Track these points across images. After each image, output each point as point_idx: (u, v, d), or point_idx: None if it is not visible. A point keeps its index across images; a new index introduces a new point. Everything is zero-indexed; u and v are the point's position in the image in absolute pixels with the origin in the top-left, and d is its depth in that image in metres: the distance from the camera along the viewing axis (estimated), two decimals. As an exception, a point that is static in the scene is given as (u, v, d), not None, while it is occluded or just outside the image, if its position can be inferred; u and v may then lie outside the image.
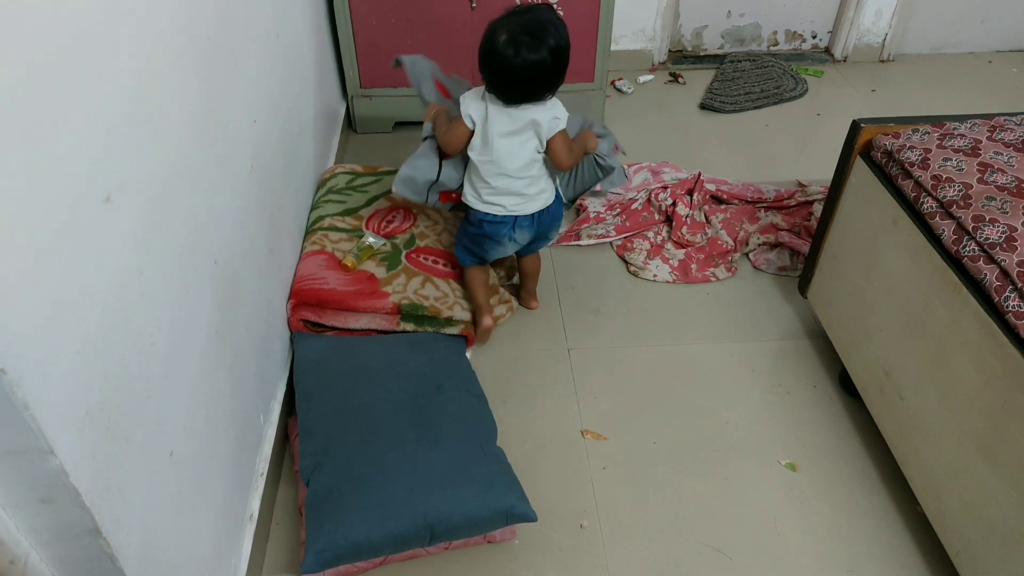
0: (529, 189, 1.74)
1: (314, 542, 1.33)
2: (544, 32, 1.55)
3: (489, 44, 1.57)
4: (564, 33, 1.58)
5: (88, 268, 0.85)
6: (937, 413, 1.43)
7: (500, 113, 1.64)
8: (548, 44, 1.55)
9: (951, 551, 1.41)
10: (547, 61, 1.56)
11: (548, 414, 1.78)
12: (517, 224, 1.77)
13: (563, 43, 1.58)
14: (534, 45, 1.54)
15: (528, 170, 1.71)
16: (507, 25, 1.56)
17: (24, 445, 0.75)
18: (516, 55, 1.54)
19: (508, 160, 1.68)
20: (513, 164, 1.69)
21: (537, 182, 1.74)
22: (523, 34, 1.54)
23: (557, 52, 1.56)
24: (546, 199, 1.78)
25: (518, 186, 1.72)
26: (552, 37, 1.55)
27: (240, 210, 1.42)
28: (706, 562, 1.50)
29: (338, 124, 2.66)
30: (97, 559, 0.89)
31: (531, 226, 1.80)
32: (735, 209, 2.42)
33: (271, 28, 1.73)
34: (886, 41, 3.38)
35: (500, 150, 1.67)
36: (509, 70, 1.56)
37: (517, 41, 1.54)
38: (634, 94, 3.13)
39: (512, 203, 1.75)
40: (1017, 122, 1.60)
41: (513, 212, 1.75)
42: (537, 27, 1.55)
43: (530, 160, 1.70)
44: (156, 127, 1.05)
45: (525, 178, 1.72)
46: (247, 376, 1.44)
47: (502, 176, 1.70)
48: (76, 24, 0.84)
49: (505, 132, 1.66)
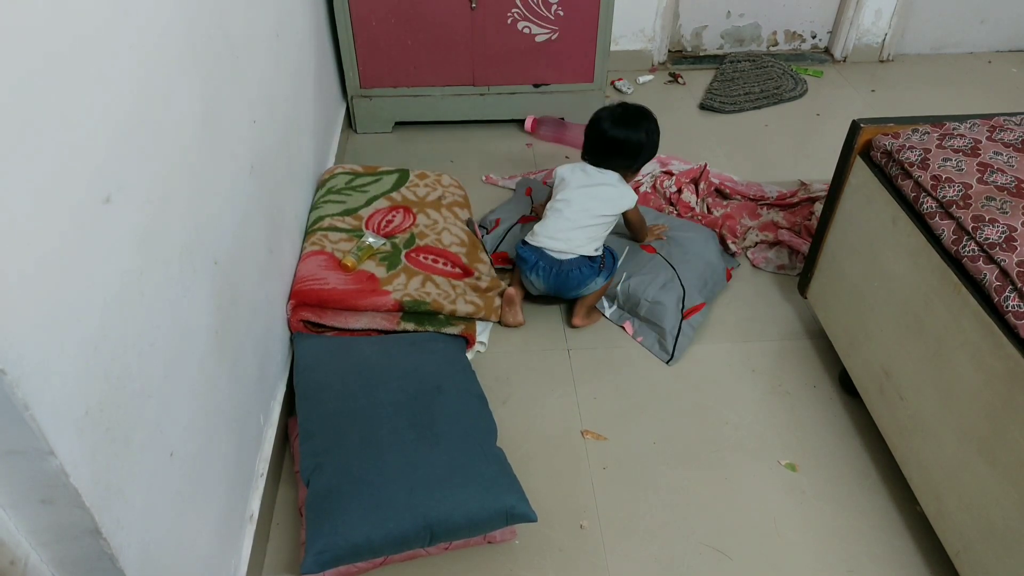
0: (571, 232, 1.92)
1: (314, 542, 1.33)
2: (642, 118, 2.00)
3: (600, 120, 2.00)
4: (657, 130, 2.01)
5: (88, 269, 0.85)
6: (937, 413, 1.43)
7: (581, 171, 2.01)
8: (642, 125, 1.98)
9: (951, 551, 1.41)
10: (637, 137, 1.97)
11: (548, 414, 1.78)
12: (537, 267, 1.92)
13: (653, 135, 2.00)
14: (630, 124, 1.98)
15: (582, 217, 1.93)
16: (621, 107, 2.02)
17: (24, 445, 0.75)
18: (612, 128, 1.97)
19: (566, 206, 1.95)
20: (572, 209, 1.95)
21: (581, 231, 1.92)
22: (630, 113, 2.00)
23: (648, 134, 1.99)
24: (577, 248, 1.91)
25: (564, 226, 1.93)
26: (649, 122, 2.00)
27: (240, 210, 1.42)
28: (706, 562, 1.50)
29: (338, 124, 2.66)
30: (97, 559, 0.89)
31: (547, 278, 1.93)
32: (737, 204, 2.42)
33: (271, 28, 1.73)
34: (886, 41, 3.38)
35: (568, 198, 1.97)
36: (602, 137, 1.97)
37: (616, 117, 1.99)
38: (634, 94, 3.13)
39: (542, 234, 1.94)
40: (1017, 122, 1.60)
41: (538, 243, 1.93)
42: (637, 113, 2.01)
43: (590, 210, 1.93)
44: (156, 128, 1.05)
45: (579, 225, 1.93)
46: (247, 376, 1.44)
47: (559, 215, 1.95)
48: (76, 24, 0.84)
49: (582, 184, 1.98)
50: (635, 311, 2.00)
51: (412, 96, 2.72)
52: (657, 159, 2.59)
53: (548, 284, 1.94)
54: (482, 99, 2.74)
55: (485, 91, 2.72)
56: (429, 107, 2.75)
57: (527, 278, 1.97)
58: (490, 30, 2.55)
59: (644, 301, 1.97)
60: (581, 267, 1.91)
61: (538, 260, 1.92)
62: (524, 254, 1.95)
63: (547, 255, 1.91)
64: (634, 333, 1.98)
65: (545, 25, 2.57)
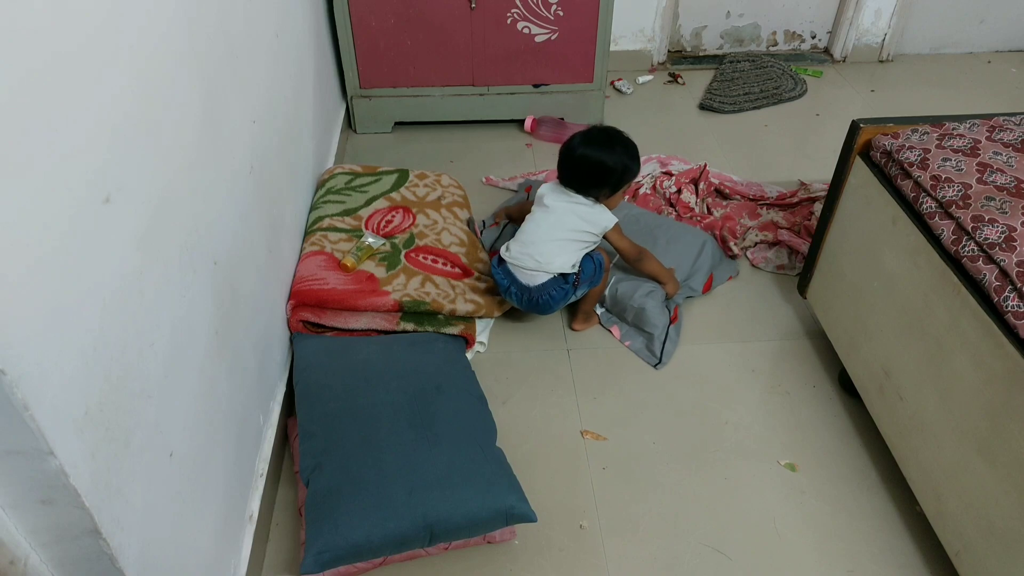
0: (545, 246, 1.85)
1: (314, 542, 1.33)
2: (615, 142, 1.87)
3: (571, 141, 1.90)
4: (633, 155, 1.89)
5: (88, 269, 0.85)
6: (937, 413, 1.43)
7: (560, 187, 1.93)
8: (614, 149, 1.86)
9: (951, 551, 1.41)
10: (606, 161, 1.85)
11: (548, 414, 1.78)
12: (510, 291, 1.89)
13: (627, 160, 1.87)
14: (601, 146, 1.86)
15: (558, 230, 1.87)
16: (589, 131, 1.91)
17: (24, 446, 0.75)
18: (581, 147, 1.86)
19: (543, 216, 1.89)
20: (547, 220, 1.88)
21: (556, 243, 1.85)
22: (600, 133, 1.90)
23: (620, 159, 1.86)
24: (548, 265, 1.84)
25: (539, 237, 1.86)
26: (621, 147, 1.87)
27: (240, 211, 1.42)
28: (706, 562, 1.50)
29: (338, 124, 2.66)
30: (97, 560, 0.89)
31: (519, 301, 1.89)
32: (736, 204, 2.43)
33: (271, 29, 1.74)
34: (885, 41, 3.38)
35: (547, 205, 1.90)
36: (571, 157, 1.87)
37: (589, 139, 1.88)
38: (633, 94, 3.13)
39: (516, 250, 1.87)
40: (1016, 122, 1.60)
41: (510, 259, 1.87)
42: (611, 136, 1.89)
43: (567, 224, 1.86)
44: (156, 128, 1.05)
45: (554, 238, 1.86)
46: (247, 377, 1.44)
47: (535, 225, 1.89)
48: (76, 25, 0.84)
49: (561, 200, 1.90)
50: (622, 316, 2.00)
51: (412, 96, 2.72)
52: (657, 159, 2.60)
53: (523, 306, 1.91)
54: (482, 99, 2.74)
55: (485, 91, 2.72)
56: (429, 107, 2.75)
57: (503, 296, 1.94)
58: (490, 30, 2.56)
59: (630, 307, 1.96)
60: (551, 291, 1.85)
61: (510, 285, 1.87)
62: (497, 278, 1.90)
63: (518, 281, 1.86)
64: (621, 337, 1.97)
65: (545, 25, 2.57)
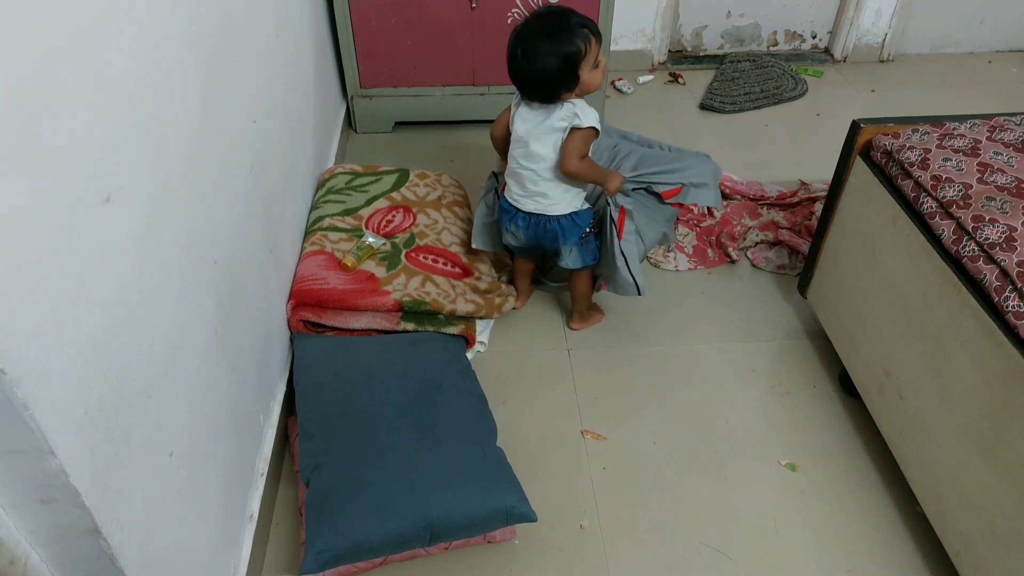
0: (530, 184, 1.76)
1: (314, 542, 1.33)
2: (547, 35, 1.57)
3: (509, 47, 1.62)
4: (569, 35, 1.56)
5: (88, 268, 0.85)
6: (937, 413, 1.43)
7: (526, 111, 1.72)
8: (548, 51, 1.56)
9: (951, 551, 1.41)
10: (548, 70, 1.58)
11: (548, 414, 1.78)
12: (516, 218, 1.83)
13: (565, 48, 1.56)
14: (535, 52, 1.57)
15: (533, 160, 1.71)
16: (520, 28, 1.61)
17: (24, 445, 0.75)
18: (521, 60, 1.59)
19: (519, 124, 1.72)
20: (520, 130, 1.71)
21: (539, 182, 1.74)
22: (526, 39, 1.59)
23: (559, 57, 1.57)
24: (545, 206, 1.77)
25: (523, 174, 1.75)
26: (555, 40, 1.56)
27: (240, 210, 1.42)
28: (706, 562, 1.50)
29: (338, 124, 2.66)
30: (97, 559, 0.89)
31: (526, 228, 1.82)
32: (736, 204, 2.42)
33: (271, 28, 1.73)
34: (886, 41, 3.38)
35: (519, 115, 1.73)
36: (514, 72, 1.64)
37: (519, 46, 1.59)
38: (634, 94, 3.13)
39: (515, 189, 1.80)
40: (1017, 122, 1.60)
41: (514, 202, 1.81)
42: (543, 28, 1.57)
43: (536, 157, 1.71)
44: (156, 127, 1.05)
45: (528, 169, 1.73)
46: (247, 376, 1.44)
47: (513, 150, 1.75)
48: (76, 24, 0.84)
49: (527, 106, 1.71)
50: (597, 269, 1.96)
51: (412, 96, 2.72)
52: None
53: (527, 236, 1.84)
54: (482, 99, 2.74)
55: (485, 91, 2.72)
56: (429, 107, 2.75)
57: (506, 230, 1.87)
58: (490, 30, 2.55)
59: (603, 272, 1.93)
60: (557, 222, 1.78)
61: (515, 213, 1.81)
62: (499, 211, 1.86)
63: (522, 211, 1.80)
64: (607, 287, 1.95)
65: (545, 25, 2.56)
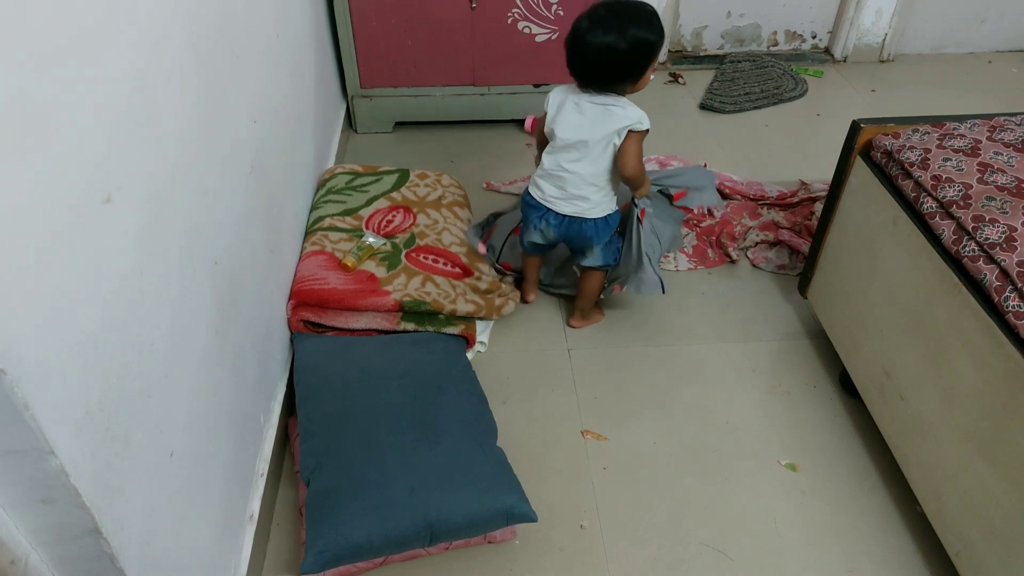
0: (572, 188, 1.72)
1: (314, 542, 1.33)
2: (624, 16, 1.53)
3: (574, 23, 1.57)
4: (649, 24, 1.55)
5: (88, 268, 0.85)
6: (937, 413, 1.43)
7: (577, 96, 1.65)
8: (624, 28, 1.52)
9: (951, 551, 1.41)
10: (618, 45, 1.53)
11: (548, 414, 1.78)
12: (547, 217, 1.79)
13: (643, 34, 1.53)
14: (608, 27, 1.52)
15: (583, 164, 1.67)
16: (596, 7, 1.56)
17: (24, 445, 0.75)
18: (587, 33, 1.53)
19: (566, 130, 1.66)
20: (569, 136, 1.65)
21: (583, 185, 1.71)
22: (605, 14, 1.54)
23: (633, 40, 1.53)
24: (584, 209, 1.76)
25: (567, 177, 1.70)
26: (632, 23, 1.53)
27: (240, 210, 1.42)
28: (706, 562, 1.50)
29: (338, 124, 2.66)
30: (97, 559, 0.89)
31: (558, 227, 1.80)
32: (737, 204, 2.42)
33: (271, 28, 1.73)
34: (886, 41, 3.38)
35: (564, 120, 1.66)
36: (580, 47, 1.56)
37: (593, 20, 1.54)
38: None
39: (550, 191, 1.76)
40: (1017, 122, 1.60)
41: (545, 203, 1.77)
42: (620, 10, 1.54)
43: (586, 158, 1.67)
44: (156, 127, 1.05)
45: (573, 173, 1.69)
46: (247, 376, 1.44)
47: (554, 154, 1.70)
48: (76, 24, 0.84)
49: (575, 110, 1.66)
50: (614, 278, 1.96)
51: (412, 96, 2.72)
52: (656, 160, 2.59)
53: (557, 234, 1.81)
54: (482, 99, 2.74)
55: (485, 91, 2.72)
56: (429, 107, 2.75)
57: (532, 227, 1.82)
58: (490, 30, 2.55)
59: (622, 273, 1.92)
60: (591, 225, 1.77)
61: (546, 211, 1.78)
62: (526, 208, 1.81)
63: (554, 211, 1.77)
64: (622, 289, 1.92)
65: (545, 25, 2.57)
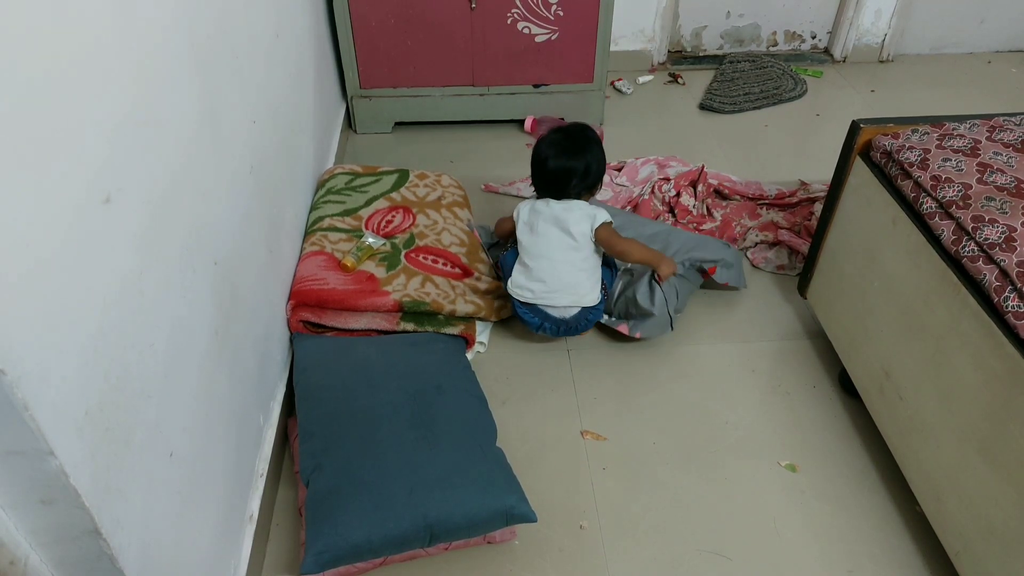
0: (568, 276, 1.83)
1: (314, 543, 1.33)
2: (572, 146, 1.85)
3: (535, 150, 1.88)
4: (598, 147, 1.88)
5: (88, 269, 0.85)
6: (937, 413, 1.43)
7: (544, 205, 1.87)
8: (592, 153, 1.85)
9: (951, 551, 1.41)
10: (583, 166, 1.84)
11: (548, 414, 1.78)
12: (544, 327, 1.87)
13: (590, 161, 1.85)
14: (573, 152, 1.85)
15: (567, 254, 1.84)
16: (552, 135, 1.89)
17: (24, 446, 0.75)
18: (547, 159, 1.84)
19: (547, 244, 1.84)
20: (552, 247, 1.84)
21: (574, 272, 1.83)
22: (564, 140, 1.86)
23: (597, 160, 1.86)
24: (581, 296, 1.83)
25: (558, 269, 1.82)
26: (578, 152, 1.85)
27: (240, 211, 1.42)
28: (706, 562, 1.50)
29: (338, 124, 2.66)
30: (97, 560, 0.89)
31: (556, 332, 1.88)
32: (736, 204, 2.42)
33: (271, 29, 1.74)
34: (885, 41, 3.38)
35: (543, 233, 1.85)
36: (545, 168, 1.85)
37: (556, 144, 1.86)
38: (633, 95, 3.13)
39: (541, 288, 1.83)
40: (1016, 122, 1.60)
41: (537, 302, 1.84)
42: (568, 140, 1.87)
43: (569, 246, 1.83)
44: (156, 128, 1.05)
45: (565, 262, 1.84)
46: (247, 377, 1.44)
47: (542, 258, 1.84)
48: (77, 24, 0.84)
49: (547, 220, 1.86)
50: (622, 313, 1.97)
51: (412, 96, 2.72)
52: (655, 160, 2.59)
53: (559, 334, 1.90)
54: (482, 99, 2.74)
55: (485, 91, 2.72)
56: (429, 107, 2.75)
57: (535, 332, 1.90)
58: (490, 30, 2.55)
59: (631, 309, 1.94)
60: (588, 315, 1.85)
61: (543, 322, 1.85)
62: (527, 318, 1.86)
63: (551, 316, 1.84)
64: (630, 332, 1.95)
65: (545, 25, 2.57)
